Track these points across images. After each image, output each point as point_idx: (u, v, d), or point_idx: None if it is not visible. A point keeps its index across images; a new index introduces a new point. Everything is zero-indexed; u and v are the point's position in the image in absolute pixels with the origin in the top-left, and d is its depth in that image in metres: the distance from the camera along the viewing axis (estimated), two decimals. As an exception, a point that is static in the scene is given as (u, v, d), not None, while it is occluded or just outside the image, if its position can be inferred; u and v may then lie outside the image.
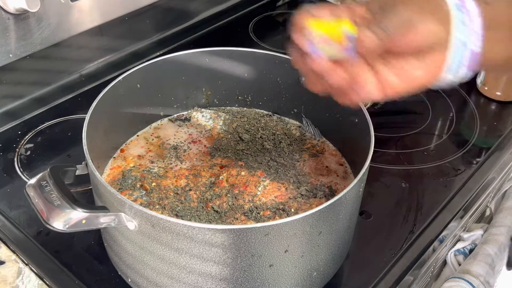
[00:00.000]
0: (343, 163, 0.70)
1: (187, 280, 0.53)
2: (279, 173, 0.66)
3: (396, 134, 0.86)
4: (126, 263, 0.58)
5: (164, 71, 0.71)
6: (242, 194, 0.63)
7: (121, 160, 0.69)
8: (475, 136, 0.86)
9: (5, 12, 0.73)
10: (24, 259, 0.63)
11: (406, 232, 0.69)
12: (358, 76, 0.46)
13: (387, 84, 0.46)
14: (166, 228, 0.49)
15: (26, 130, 0.82)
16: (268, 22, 1.13)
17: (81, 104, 0.87)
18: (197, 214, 0.60)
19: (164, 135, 0.73)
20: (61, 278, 0.61)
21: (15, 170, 0.75)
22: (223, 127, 0.74)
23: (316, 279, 0.58)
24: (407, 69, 0.46)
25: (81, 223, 0.50)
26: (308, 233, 0.52)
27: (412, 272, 0.65)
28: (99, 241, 0.64)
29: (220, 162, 0.68)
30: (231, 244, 0.49)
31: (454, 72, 0.47)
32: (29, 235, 0.66)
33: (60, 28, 0.81)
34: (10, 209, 0.69)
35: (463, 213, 0.74)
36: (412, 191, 0.75)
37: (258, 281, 0.53)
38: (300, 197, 0.63)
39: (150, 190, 0.63)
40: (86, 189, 0.69)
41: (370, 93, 0.46)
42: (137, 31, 0.97)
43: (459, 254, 0.78)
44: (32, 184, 0.53)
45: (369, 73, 0.46)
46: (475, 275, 0.72)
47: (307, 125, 0.74)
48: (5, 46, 0.75)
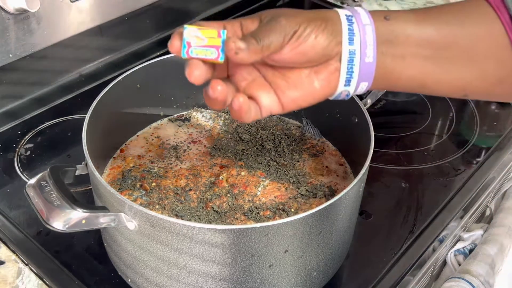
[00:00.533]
0: (343, 163, 0.70)
1: (187, 280, 0.53)
2: (279, 173, 0.66)
3: (396, 134, 0.86)
4: (126, 263, 0.58)
5: (164, 71, 0.71)
6: (242, 194, 0.63)
7: (121, 160, 0.69)
8: (475, 136, 0.86)
9: (5, 12, 0.73)
10: (24, 259, 0.63)
11: (406, 232, 0.69)
12: (256, 94, 0.47)
13: (287, 98, 0.47)
14: (166, 228, 0.49)
15: (26, 130, 0.82)
16: (268, 22, 1.13)
17: (81, 104, 0.87)
18: (197, 214, 0.60)
19: (164, 135, 0.73)
20: (61, 278, 0.61)
21: (15, 170, 0.75)
22: (223, 127, 0.74)
23: (316, 279, 0.58)
24: (304, 82, 0.47)
25: (81, 223, 0.50)
26: (308, 233, 0.52)
27: (412, 272, 0.65)
28: (99, 241, 0.64)
29: (220, 162, 0.68)
30: (231, 244, 0.49)
31: (350, 83, 0.47)
32: (29, 235, 0.66)
33: (60, 28, 0.81)
34: (10, 209, 0.69)
35: (463, 213, 0.74)
36: (412, 191, 0.75)
37: (258, 281, 0.53)
38: (300, 197, 0.63)
39: (150, 190, 0.63)
40: (86, 189, 0.69)
41: (268, 108, 0.48)
42: (137, 31, 0.97)
43: (459, 254, 0.78)
44: (32, 184, 0.53)
45: (268, 89, 0.47)
46: (475, 275, 0.71)
47: (307, 125, 0.74)
48: (5, 46, 0.75)
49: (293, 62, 0.46)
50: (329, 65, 0.46)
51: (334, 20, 0.45)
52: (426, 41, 0.46)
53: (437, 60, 0.46)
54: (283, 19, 0.44)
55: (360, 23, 0.45)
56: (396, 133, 0.87)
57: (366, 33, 0.45)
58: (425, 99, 0.93)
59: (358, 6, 0.57)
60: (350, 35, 0.45)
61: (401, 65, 0.47)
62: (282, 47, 0.44)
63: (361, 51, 0.45)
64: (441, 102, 0.93)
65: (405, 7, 1.18)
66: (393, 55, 0.46)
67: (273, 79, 0.48)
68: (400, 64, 0.47)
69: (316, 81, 0.47)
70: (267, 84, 0.48)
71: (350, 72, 0.46)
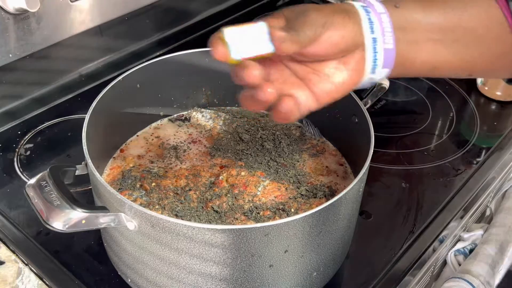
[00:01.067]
0: (343, 163, 0.70)
1: (187, 280, 0.53)
2: (279, 173, 0.66)
3: (396, 134, 0.86)
4: (126, 263, 0.58)
5: (164, 71, 0.71)
6: (242, 194, 0.63)
7: (121, 160, 0.69)
8: (475, 136, 0.86)
9: (5, 12, 0.73)
10: (24, 259, 0.63)
11: (406, 232, 0.69)
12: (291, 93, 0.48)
13: (321, 92, 0.49)
14: (166, 228, 0.49)
15: (26, 130, 0.82)
16: (268, 22, 1.13)
17: (81, 104, 0.87)
18: (197, 214, 0.60)
19: (164, 135, 0.73)
20: (61, 278, 0.61)
21: (15, 170, 0.75)
22: (223, 127, 0.74)
23: (316, 279, 0.58)
24: (335, 73, 0.48)
25: (81, 223, 0.50)
26: (308, 233, 0.52)
27: (412, 272, 0.65)
28: (99, 241, 0.64)
29: (220, 162, 0.68)
30: (231, 244, 0.49)
31: (375, 70, 0.49)
32: (29, 235, 0.66)
33: (60, 28, 0.81)
34: (10, 209, 0.69)
35: (463, 213, 0.74)
36: (412, 191, 0.75)
37: (258, 281, 0.53)
38: (300, 197, 0.63)
39: (150, 190, 0.63)
40: (86, 189, 0.69)
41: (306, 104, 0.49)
42: (137, 31, 0.97)
43: (459, 254, 0.78)
44: (31, 184, 0.53)
45: (301, 86, 0.49)
46: (475, 275, 0.71)
47: (307, 125, 0.74)
48: (5, 46, 0.75)
49: (326, 53, 0.47)
50: (355, 54, 0.48)
51: (352, 11, 0.48)
52: (435, 26, 0.49)
53: (446, 42, 0.50)
54: (311, 13, 0.46)
55: (376, 12, 0.48)
56: (396, 133, 0.87)
57: (383, 21, 0.48)
58: (425, 99, 0.93)
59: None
60: (370, 24, 0.47)
61: (415, 50, 0.49)
62: (316, 38, 0.45)
63: (381, 38, 0.48)
64: (441, 102, 0.93)
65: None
66: (408, 40, 0.49)
67: (304, 75, 0.49)
68: (414, 49, 0.49)
69: (345, 71, 0.48)
70: (299, 81, 0.49)
71: (375, 59, 0.48)
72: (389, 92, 0.75)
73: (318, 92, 0.49)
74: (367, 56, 0.48)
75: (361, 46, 0.48)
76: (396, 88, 0.94)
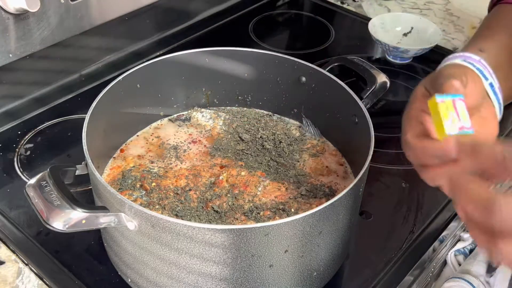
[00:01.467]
0: (343, 163, 0.70)
1: (187, 280, 0.53)
2: (279, 173, 0.66)
3: (396, 134, 0.86)
4: (126, 263, 0.58)
5: (164, 71, 0.71)
6: (242, 194, 0.63)
7: (121, 160, 0.69)
8: (475, 136, 0.86)
9: (5, 12, 0.73)
10: (24, 259, 0.63)
11: (406, 232, 0.69)
12: None
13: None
14: (166, 228, 0.49)
15: (26, 130, 0.82)
16: (268, 22, 1.13)
17: (81, 104, 0.87)
18: (197, 214, 0.60)
19: (164, 135, 0.73)
20: (61, 278, 0.61)
21: (15, 170, 0.75)
22: (223, 127, 0.74)
23: (316, 279, 0.58)
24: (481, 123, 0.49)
25: (81, 223, 0.50)
26: (308, 233, 0.52)
27: (412, 272, 0.65)
28: (99, 241, 0.64)
29: (220, 162, 0.68)
30: (231, 244, 0.49)
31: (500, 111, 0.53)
32: (29, 235, 0.66)
33: (60, 28, 0.81)
34: (10, 209, 0.69)
35: (463, 213, 0.74)
36: (412, 191, 0.75)
37: (258, 281, 0.53)
38: (300, 197, 0.63)
39: (150, 190, 0.63)
40: (86, 189, 0.69)
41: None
42: (137, 31, 0.97)
43: (459, 254, 0.78)
44: (32, 184, 0.53)
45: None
46: (475, 275, 0.71)
47: (307, 125, 0.74)
48: (5, 46, 0.75)
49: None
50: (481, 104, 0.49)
51: (461, 67, 0.50)
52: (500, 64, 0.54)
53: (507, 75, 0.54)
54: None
55: (475, 60, 0.50)
56: (396, 133, 0.86)
57: (485, 66, 0.50)
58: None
59: (358, 6, 0.58)
60: (480, 72, 0.50)
61: (503, 86, 0.53)
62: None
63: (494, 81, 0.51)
64: (441, 102, 0.93)
65: (405, 6, 1.18)
66: (500, 78, 0.52)
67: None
68: (503, 85, 0.53)
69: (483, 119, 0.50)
70: None
71: (499, 100, 0.51)
72: (389, 92, 0.75)
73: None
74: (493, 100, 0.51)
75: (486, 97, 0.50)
76: (396, 88, 0.94)
